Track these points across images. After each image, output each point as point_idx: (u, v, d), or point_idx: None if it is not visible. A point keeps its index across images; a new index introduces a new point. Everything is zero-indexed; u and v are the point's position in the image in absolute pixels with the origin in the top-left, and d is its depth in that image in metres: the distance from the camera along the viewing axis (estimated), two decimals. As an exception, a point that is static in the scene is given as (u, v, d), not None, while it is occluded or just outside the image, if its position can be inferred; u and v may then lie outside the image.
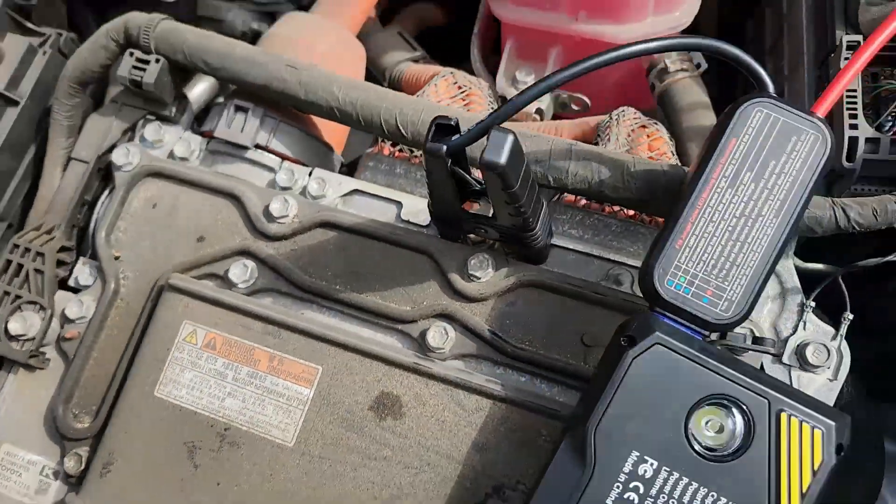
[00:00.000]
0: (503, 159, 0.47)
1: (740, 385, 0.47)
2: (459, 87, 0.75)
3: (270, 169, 0.71)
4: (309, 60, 0.71)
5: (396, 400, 0.59)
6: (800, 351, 0.59)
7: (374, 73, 0.89)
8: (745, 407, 0.47)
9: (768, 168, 0.49)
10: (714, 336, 0.52)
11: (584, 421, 0.48)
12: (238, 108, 0.71)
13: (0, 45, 0.76)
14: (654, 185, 0.60)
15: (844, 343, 0.59)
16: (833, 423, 0.47)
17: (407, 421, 0.58)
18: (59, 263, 0.71)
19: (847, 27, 0.68)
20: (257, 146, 0.71)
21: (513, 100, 0.52)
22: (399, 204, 0.68)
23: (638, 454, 0.47)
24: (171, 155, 0.72)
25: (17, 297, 0.68)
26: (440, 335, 0.61)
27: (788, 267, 0.61)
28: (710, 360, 0.48)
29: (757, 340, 0.52)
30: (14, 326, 0.67)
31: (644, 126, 0.72)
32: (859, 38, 0.66)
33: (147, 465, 0.61)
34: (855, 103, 0.64)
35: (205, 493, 0.59)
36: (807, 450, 0.47)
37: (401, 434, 0.58)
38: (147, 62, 0.70)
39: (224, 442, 0.60)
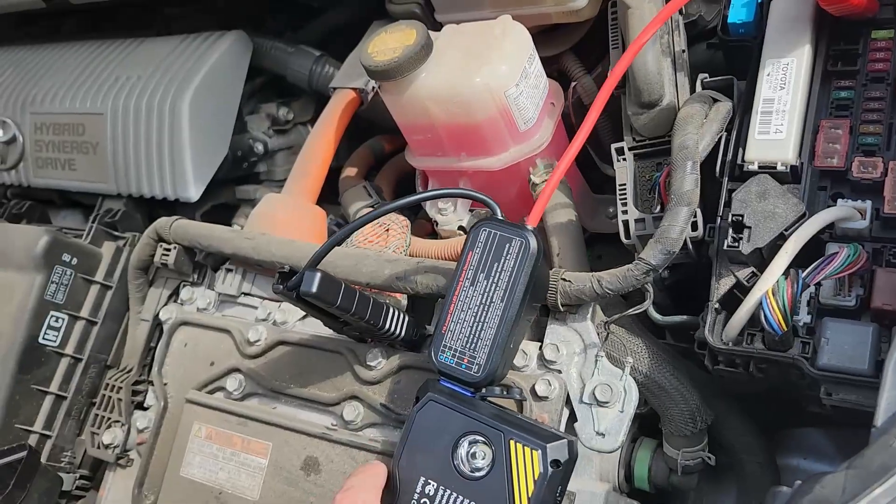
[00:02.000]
0: (314, 289, 0.73)
1: (484, 423, 0.68)
2: (380, 226, 1.02)
3: (254, 307, 1.02)
4: (273, 228, 1.02)
5: (316, 460, 0.84)
6: (594, 392, 0.77)
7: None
8: (488, 438, 0.68)
9: (493, 268, 0.71)
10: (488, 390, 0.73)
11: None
12: (228, 270, 1.03)
13: (100, 250, 1.15)
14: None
15: (629, 381, 0.77)
16: (546, 445, 0.66)
17: (323, 475, 0.84)
18: (135, 393, 1.05)
19: (633, 132, 0.88)
20: (244, 293, 1.02)
21: (327, 242, 0.78)
22: (334, 320, 0.95)
23: (424, 478, 0.69)
24: (198, 307, 1.05)
25: (108, 418, 1.03)
26: (353, 411, 0.86)
27: (587, 327, 0.80)
28: (464, 408, 0.69)
29: (506, 390, 0.72)
30: (105, 438, 1.01)
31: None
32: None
33: (175, 522, 0.90)
34: (624, 194, 0.83)
35: (211, 539, 0.88)
36: (529, 465, 0.66)
37: (320, 485, 0.83)
38: (169, 249, 1.04)
39: (219, 502, 0.88)
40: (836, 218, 0.73)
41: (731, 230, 0.75)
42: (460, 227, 1.08)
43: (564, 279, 0.78)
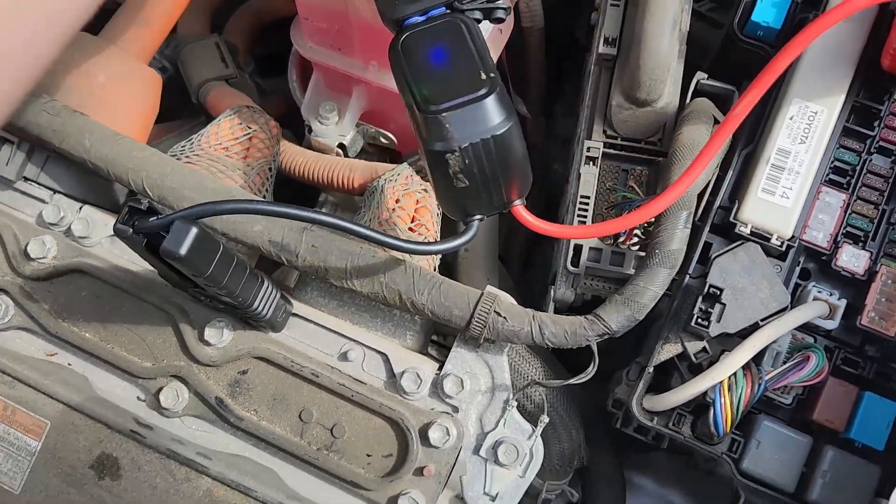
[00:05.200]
0: (183, 251, 0.49)
1: None
2: (243, 130, 0.75)
3: (41, 200, 0.72)
4: (89, 92, 0.71)
5: (115, 461, 0.63)
6: (495, 447, 0.63)
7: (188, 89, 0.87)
8: None
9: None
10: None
11: None
12: (3, 140, 0.70)
13: None
14: (374, 279, 0.63)
15: (539, 443, 0.64)
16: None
17: (123, 482, 0.63)
18: None
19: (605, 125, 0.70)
20: (25, 178, 0.72)
21: (209, 205, 0.54)
22: (159, 254, 0.70)
23: None
24: (-57, 172, 0.73)
25: None
26: (173, 396, 0.65)
27: (501, 363, 0.65)
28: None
29: None
30: None
31: (411, 193, 0.73)
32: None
33: None
34: (585, 211, 0.66)
35: (-64, 525, 0.64)
36: None
37: (116, 494, 0.63)
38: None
39: (-47, 481, 0.64)
40: (814, 317, 0.64)
41: (700, 300, 0.63)
42: (340, 146, 0.85)
43: (498, 313, 0.61)
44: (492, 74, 0.53)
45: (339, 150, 0.85)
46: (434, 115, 0.51)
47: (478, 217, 0.57)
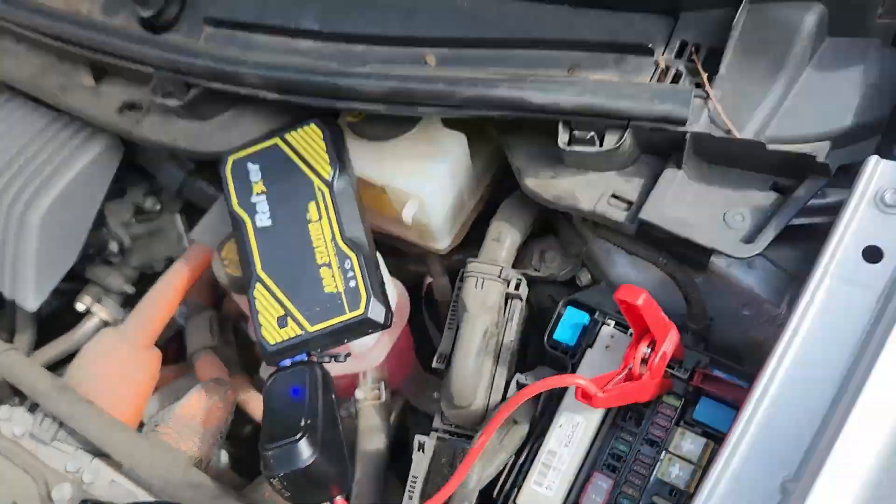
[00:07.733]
0: None
1: None
2: (207, 401, 1.06)
3: (67, 453, 1.05)
4: (101, 377, 1.05)
5: None
6: None
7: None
8: None
9: None
10: None
11: None
12: (46, 416, 1.04)
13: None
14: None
15: None
16: None
17: None
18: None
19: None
20: (58, 440, 1.05)
21: None
22: None
23: None
24: (13, 433, 1.07)
25: None
26: None
27: None
28: None
29: None
30: None
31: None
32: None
33: None
34: (413, 489, 0.91)
35: None
36: None
37: None
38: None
39: None
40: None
41: None
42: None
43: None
44: (308, 421, 0.80)
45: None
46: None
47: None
